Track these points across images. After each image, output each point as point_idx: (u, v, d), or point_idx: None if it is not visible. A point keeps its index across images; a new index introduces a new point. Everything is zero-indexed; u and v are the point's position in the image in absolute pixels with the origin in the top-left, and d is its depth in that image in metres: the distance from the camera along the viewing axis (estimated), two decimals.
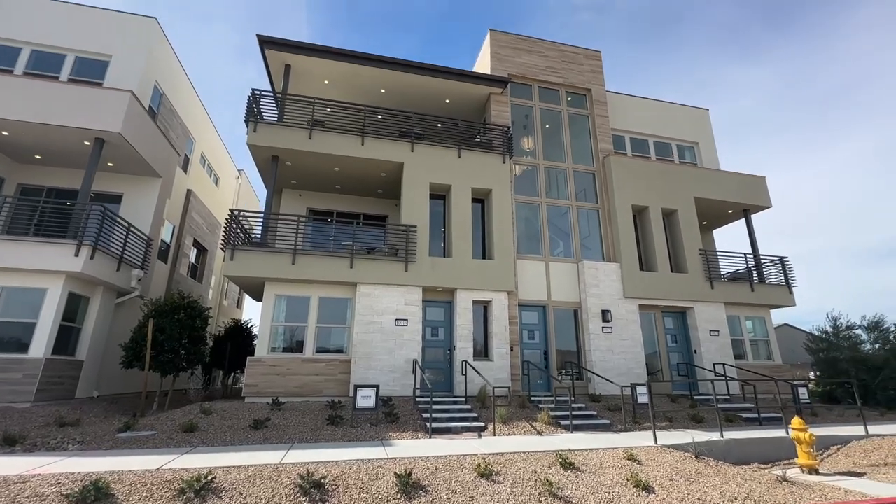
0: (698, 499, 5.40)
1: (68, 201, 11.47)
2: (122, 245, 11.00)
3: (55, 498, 4.44)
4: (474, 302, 11.68)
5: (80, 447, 6.73)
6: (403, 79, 13.56)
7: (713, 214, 15.97)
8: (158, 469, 5.39)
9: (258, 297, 11.92)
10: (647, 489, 5.56)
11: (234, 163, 22.39)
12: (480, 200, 13.27)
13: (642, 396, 9.68)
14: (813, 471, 7.03)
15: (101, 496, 4.48)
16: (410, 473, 5.34)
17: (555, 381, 11.28)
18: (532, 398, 10.72)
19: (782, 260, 14.72)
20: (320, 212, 14.25)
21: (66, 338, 10.06)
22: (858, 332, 14.09)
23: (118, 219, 11.05)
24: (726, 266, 14.87)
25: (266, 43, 12.27)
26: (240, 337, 15.62)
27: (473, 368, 10.32)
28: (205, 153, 17.96)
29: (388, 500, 4.93)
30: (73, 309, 10.30)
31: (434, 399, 9.94)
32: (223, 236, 10.46)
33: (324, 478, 5.23)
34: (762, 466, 7.50)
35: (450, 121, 13.48)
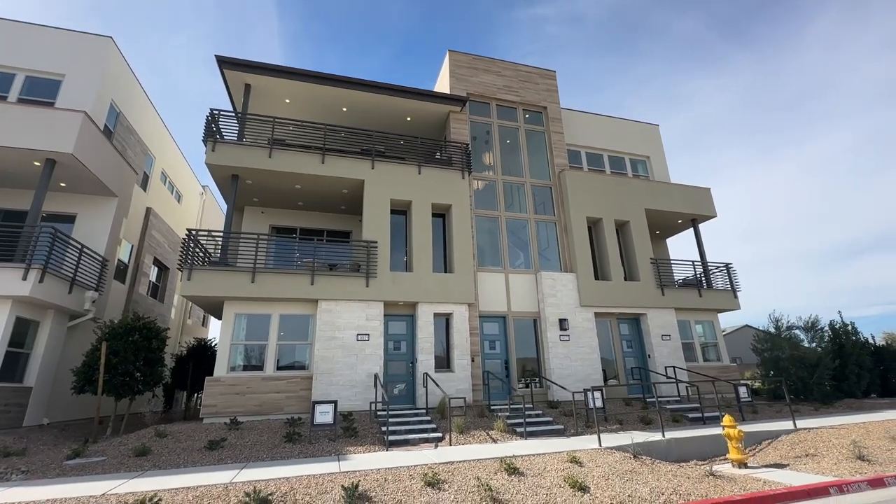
0: (629, 496, 5.80)
1: (18, 223, 11.19)
2: (74, 267, 10.80)
3: None
4: (435, 315, 11.97)
5: (24, 477, 6.61)
6: (364, 97, 13.90)
7: (664, 224, 16.86)
8: (103, 495, 5.40)
9: (218, 315, 11.86)
10: (583, 489, 5.93)
11: (199, 179, 22.13)
12: (441, 215, 13.65)
13: (597, 401, 10.14)
14: (742, 464, 7.58)
15: None
16: (357, 486, 5.54)
17: (513, 390, 11.64)
18: (492, 407, 11.04)
19: (727, 266, 15.67)
20: (283, 228, 14.31)
21: (13, 364, 9.78)
22: (797, 332, 15.10)
23: (70, 240, 10.86)
24: (678, 273, 15.72)
25: (225, 63, 12.40)
26: (203, 356, 15.37)
27: (433, 381, 10.57)
28: (165, 170, 17.74)
29: None
30: (22, 333, 10.03)
31: (395, 412, 10.14)
32: (180, 256, 10.43)
33: (271, 494, 5.36)
34: (699, 463, 8.01)
35: (410, 138, 13.87)
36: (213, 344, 16.30)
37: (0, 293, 9.32)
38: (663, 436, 8.61)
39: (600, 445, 7.91)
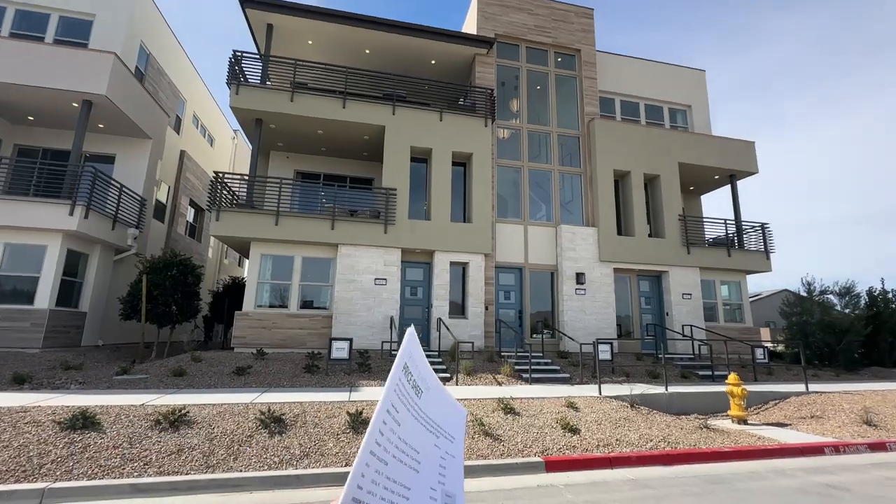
0: (616, 440, 6.07)
1: (62, 162, 11.96)
2: (115, 205, 11.57)
3: (49, 424, 5.21)
4: (452, 263, 12.20)
5: (81, 387, 7.59)
6: (388, 39, 13.44)
7: (700, 180, 16.00)
8: (143, 404, 6.17)
9: (247, 255, 12.54)
10: (574, 431, 6.24)
11: (230, 123, 22.53)
12: (462, 164, 13.47)
13: (604, 353, 10.30)
14: (742, 421, 7.68)
15: (88, 424, 5.24)
16: (361, 413, 6.05)
17: (525, 339, 11.94)
18: (502, 353, 11.45)
19: (763, 226, 14.89)
20: (308, 174, 14.60)
21: (68, 291, 10.86)
22: (830, 297, 14.45)
23: (110, 180, 11.55)
24: (710, 232, 15.11)
25: (246, 1, 12.19)
26: (237, 293, 16.45)
27: (446, 326, 10.99)
28: (197, 114, 18.14)
29: (337, 434, 5.66)
30: (74, 264, 11.04)
31: None
32: (208, 197, 10.95)
33: (284, 414, 5.96)
34: (699, 417, 8.15)
35: (433, 83, 13.46)
36: (244, 281, 17.35)
37: (51, 227, 10.19)
38: (666, 389, 8.75)
39: (600, 394, 8.16)
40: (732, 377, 7.89)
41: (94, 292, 11.44)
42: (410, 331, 0.76)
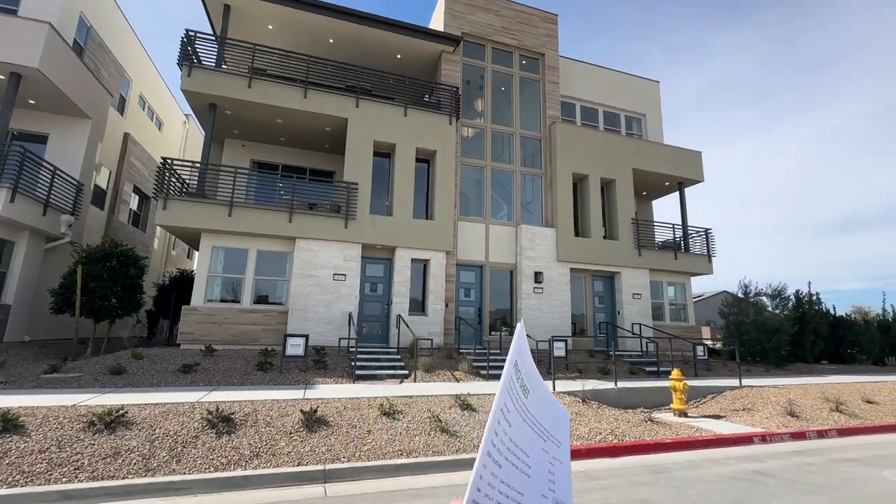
0: None
1: None
2: (47, 189, 10.63)
3: None
4: (413, 260, 12.15)
5: (2, 387, 6.93)
6: (352, 29, 13.15)
7: (652, 185, 16.82)
8: (74, 405, 5.72)
9: (197, 247, 11.90)
10: None
11: (181, 108, 21.28)
12: (426, 160, 13.44)
13: (559, 351, 10.63)
14: (682, 414, 8.17)
15: (9, 427, 4.79)
16: (316, 411, 5.91)
17: (484, 336, 12.11)
18: (460, 350, 11.55)
19: (707, 231, 15.88)
20: (266, 164, 14.04)
21: None
22: (763, 298, 15.66)
23: (41, 161, 10.60)
24: (659, 235, 15.92)
25: None
26: (185, 287, 15.60)
27: (405, 323, 10.94)
28: (144, 95, 16.99)
29: (290, 433, 5.51)
30: None
31: (367, 349, 10.58)
32: (155, 184, 10.30)
33: (234, 413, 5.72)
34: (644, 410, 8.59)
35: (398, 77, 13.32)
36: (194, 274, 16.49)
37: None
38: (615, 385, 9.16)
39: (554, 390, 8.41)
40: (675, 373, 8.38)
41: (20, 283, 10.47)
42: (520, 326, 0.71)
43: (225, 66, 12.41)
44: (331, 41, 13.68)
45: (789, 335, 14.34)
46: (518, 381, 0.67)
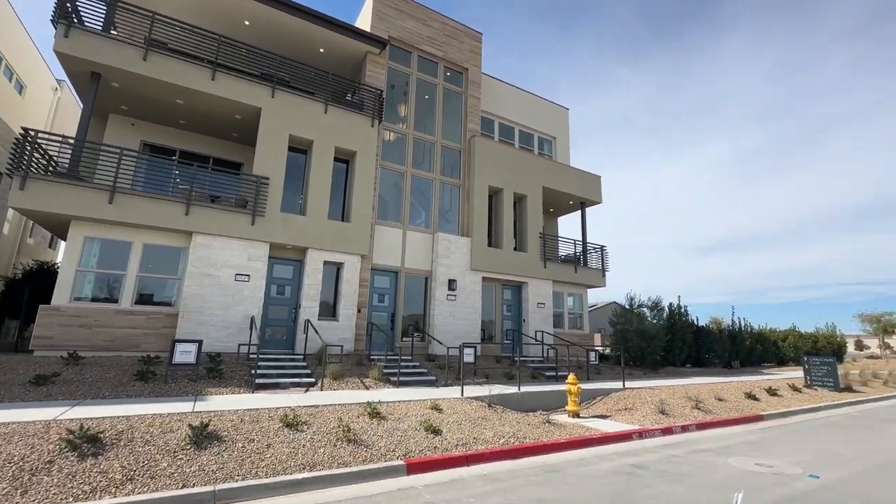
0: (474, 438, 6.49)
1: None
2: None
3: None
4: (326, 263, 11.69)
5: None
6: (272, 14, 12.36)
7: (558, 203, 18.22)
8: None
9: (63, 236, 10.17)
10: (436, 432, 6.48)
11: (53, 72, 18.12)
12: (345, 161, 13.07)
13: (468, 357, 10.94)
14: (576, 415, 8.89)
15: None
16: (207, 425, 5.36)
17: (396, 342, 12.04)
18: (371, 357, 11.33)
19: (602, 248, 17.62)
20: (160, 148, 12.51)
21: None
22: (644, 309, 17.78)
23: None
24: (563, 250, 17.26)
25: None
26: (45, 282, 13.19)
27: (313, 328, 10.46)
28: (1, 51, 14.17)
29: (174, 451, 4.92)
30: None
31: (271, 356, 9.90)
32: (11, 159, 8.60)
33: (103, 432, 4.96)
34: (543, 413, 9.20)
35: (320, 72, 12.80)
36: (57, 268, 14.05)
37: None
38: (519, 389, 9.69)
39: (462, 395, 8.64)
40: (571, 377, 9.10)
41: None
42: None
43: (115, 32, 10.88)
44: (246, 23, 12.71)
45: (663, 342, 16.43)
46: None
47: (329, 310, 11.79)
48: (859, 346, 44.24)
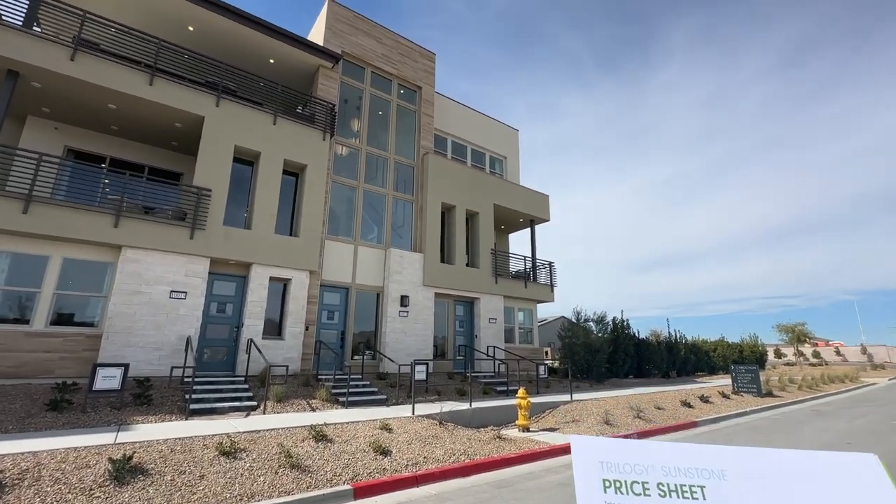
0: (424, 458, 6.38)
1: None
2: None
3: None
4: (272, 279, 11.20)
5: None
6: (218, 22, 11.94)
7: (509, 220, 18.73)
8: None
9: None
10: (385, 453, 6.31)
11: None
12: (294, 174, 12.72)
13: (420, 374, 10.81)
14: (526, 429, 9.01)
15: None
16: (130, 457, 4.89)
17: (346, 361, 11.69)
18: (319, 377, 10.91)
19: (550, 265, 18.24)
20: (86, 154, 11.53)
21: None
22: (590, 323, 18.53)
23: None
24: (513, 266, 17.68)
25: None
26: None
27: (257, 347, 9.93)
28: None
29: (90, 490, 4.43)
30: None
31: (208, 378, 9.26)
32: None
33: (2, 472, 4.38)
34: (494, 428, 9.24)
35: (269, 83, 12.48)
36: None
37: None
38: (470, 405, 9.69)
39: (413, 414, 8.50)
40: (521, 392, 9.25)
41: None
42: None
43: (39, 29, 10.04)
44: (190, 29, 12.19)
45: (607, 354, 17.16)
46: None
47: (275, 328, 11.26)
48: (778, 354, 48.56)
